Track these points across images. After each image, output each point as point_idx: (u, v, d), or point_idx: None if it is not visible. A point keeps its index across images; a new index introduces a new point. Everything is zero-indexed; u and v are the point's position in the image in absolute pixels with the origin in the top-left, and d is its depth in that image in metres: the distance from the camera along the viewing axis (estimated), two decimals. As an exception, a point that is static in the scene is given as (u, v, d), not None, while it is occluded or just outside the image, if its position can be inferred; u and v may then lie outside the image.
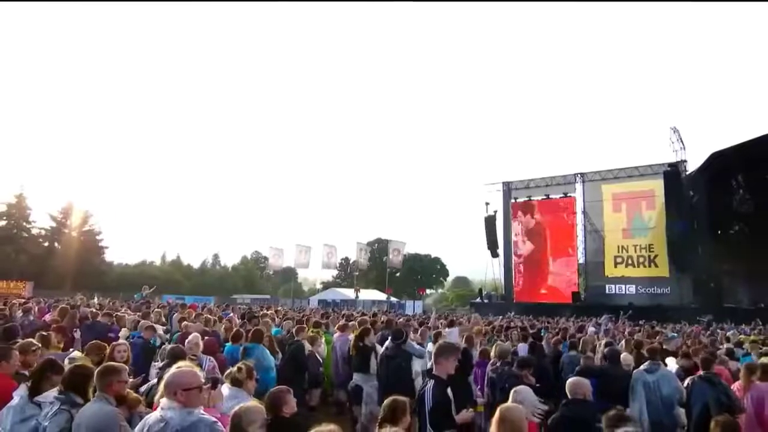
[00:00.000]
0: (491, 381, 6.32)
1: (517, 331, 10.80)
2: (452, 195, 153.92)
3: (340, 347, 8.29)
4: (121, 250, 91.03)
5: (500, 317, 21.08)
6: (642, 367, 6.27)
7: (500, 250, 38.87)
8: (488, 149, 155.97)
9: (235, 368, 4.47)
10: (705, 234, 30.80)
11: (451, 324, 10.42)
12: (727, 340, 12.59)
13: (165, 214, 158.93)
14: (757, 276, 29.04)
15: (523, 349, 8.81)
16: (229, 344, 7.45)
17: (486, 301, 38.73)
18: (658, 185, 32.40)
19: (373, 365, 6.95)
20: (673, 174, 31.52)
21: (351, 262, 65.24)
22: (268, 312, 13.49)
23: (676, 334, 13.67)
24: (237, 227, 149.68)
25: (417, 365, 6.84)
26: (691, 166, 32.15)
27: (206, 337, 7.11)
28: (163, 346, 5.81)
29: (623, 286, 33.48)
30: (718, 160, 29.90)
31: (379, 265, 63.71)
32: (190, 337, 6.17)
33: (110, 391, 3.38)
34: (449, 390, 4.58)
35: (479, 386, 6.82)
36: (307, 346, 7.43)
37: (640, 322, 19.96)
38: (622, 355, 7.03)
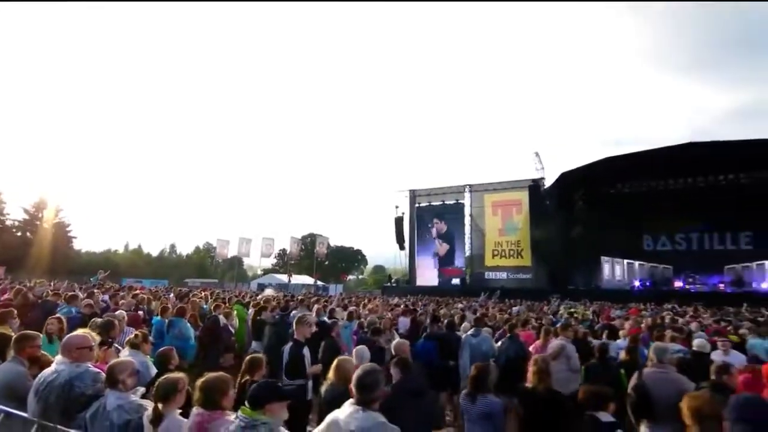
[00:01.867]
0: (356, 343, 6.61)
1: (401, 308, 11.43)
2: (373, 197, 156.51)
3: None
4: (89, 239, 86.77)
5: (401, 298, 21.79)
6: (469, 332, 6.77)
7: (406, 244, 39.60)
8: (402, 162, 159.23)
9: (132, 335, 4.53)
10: (556, 234, 32.30)
11: (345, 308, 10.76)
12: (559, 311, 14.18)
13: (130, 207, 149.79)
14: (589, 266, 31.63)
15: (403, 322, 9.19)
16: (157, 318, 7.44)
17: (395, 285, 39.49)
18: (524, 196, 34.24)
19: (266, 334, 7.03)
20: (535, 188, 33.73)
21: (287, 252, 65.93)
22: (202, 293, 13.31)
23: (518, 308, 14.95)
24: (192, 219, 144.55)
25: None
26: (548, 182, 33.84)
27: (131, 312, 7.18)
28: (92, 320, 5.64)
29: (497, 273, 34.75)
30: (565, 179, 32.14)
31: (310, 255, 64.58)
32: (116, 312, 6.28)
33: (23, 354, 3.46)
34: (305, 349, 5.06)
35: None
36: (222, 320, 7.37)
37: (508, 301, 21.57)
38: (463, 325, 7.78)
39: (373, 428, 2.48)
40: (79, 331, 3.53)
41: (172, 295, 13.50)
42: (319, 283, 50.16)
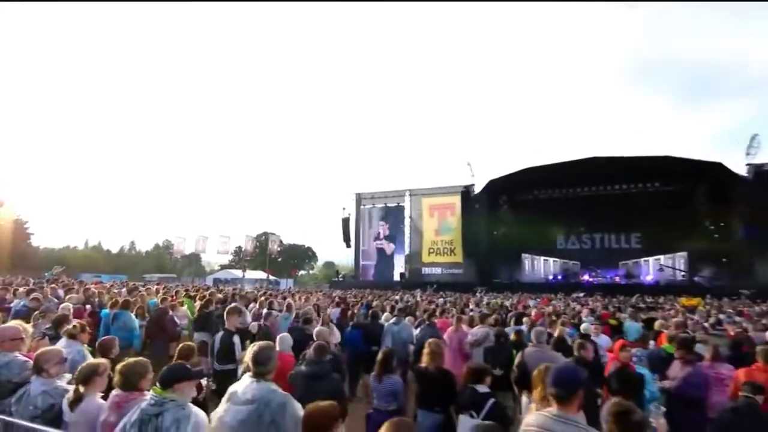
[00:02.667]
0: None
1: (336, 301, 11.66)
2: (324, 199, 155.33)
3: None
4: (49, 236, 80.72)
5: (346, 292, 22.11)
6: (391, 321, 7.07)
7: (352, 243, 39.64)
8: (349, 167, 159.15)
9: (71, 325, 4.41)
10: (484, 234, 33.57)
11: (284, 298, 10.94)
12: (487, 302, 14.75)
13: (91, 205, 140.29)
14: (512, 262, 33.35)
15: (335, 312, 9.20)
16: (105, 310, 7.26)
17: (342, 279, 39.54)
18: (457, 200, 34.73)
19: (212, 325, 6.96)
20: (466, 193, 34.53)
21: (243, 249, 65.33)
22: (154, 288, 13.06)
23: (443, 300, 15.22)
24: (152, 217, 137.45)
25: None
26: (478, 188, 34.45)
27: (77, 306, 7.08)
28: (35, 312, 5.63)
29: (433, 269, 35.22)
30: (492, 185, 33.33)
31: (264, 252, 63.97)
32: (62, 305, 6.25)
33: None
34: (234, 337, 5.26)
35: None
36: (169, 312, 7.33)
37: (441, 293, 22.25)
38: (384, 314, 8.10)
39: (265, 395, 2.55)
40: (12, 323, 3.56)
41: (124, 289, 13.25)
42: (272, 278, 49.59)
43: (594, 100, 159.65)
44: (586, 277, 31.36)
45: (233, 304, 6.29)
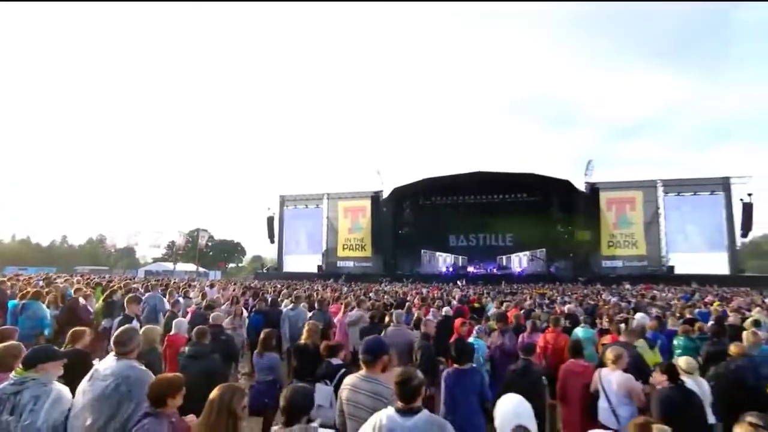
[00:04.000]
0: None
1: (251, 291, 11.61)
2: (254, 199, 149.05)
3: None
4: None
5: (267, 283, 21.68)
6: (288, 307, 7.04)
7: (276, 239, 38.88)
8: (276, 171, 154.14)
9: None
10: (390, 233, 34.55)
11: (212, 286, 10.76)
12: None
13: (20, 199, 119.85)
14: (413, 256, 34.55)
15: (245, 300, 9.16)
16: (13, 301, 6.77)
17: (266, 272, 38.72)
18: (368, 203, 35.38)
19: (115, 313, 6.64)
20: (376, 197, 35.25)
21: (175, 243, 61.85)
22: (74, 278, 12.14)
23: (347, 289, 15.84)
24: (86, 211, 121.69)
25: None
26: (386, 193, 35.18)
27: None
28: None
29: (346, 262, 35.51)
30: (397, 192, 34.55)
31: (196, 246, 61.29)
32: None
33: None
34: (133, 322, 4.98)
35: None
36: (82, 301, 6.95)
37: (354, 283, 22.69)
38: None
39: (124, 371, 2.52)
40: None
41: (41, 281, 11.86)
42: (201, 270, 47.16)
43: (484, 124, 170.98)
44: (471, 269, 33.35)
45: (131, 294, 6.01)
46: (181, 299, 8.07)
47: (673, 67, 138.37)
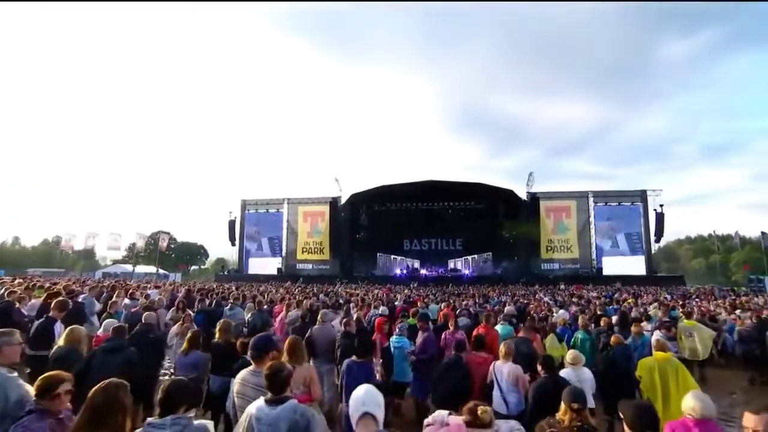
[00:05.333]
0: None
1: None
2: (218, 203, 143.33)
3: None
4: None
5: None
6: (227, 307, 7.23)
7: (237, 242, 37.77)
8: (237, 176, 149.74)
9: None
10: (347, 237, 34.69)
11: (156, 287, 10.45)
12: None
13: None
14: (369, 259, 34.32)
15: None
16: None
17: (226, 273, 37.45)
18: (327, 208, 35.27)
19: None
20: (334, 203, 35.26)
21: (135, 245, 58.90)
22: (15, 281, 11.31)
23: (297, 290, 15.65)
24: (41, 213, 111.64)
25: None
26: (344, 199, 35.35)
27: None
28: None
29: (305, 265, 35.12)
30: (354, 198, 34.74)
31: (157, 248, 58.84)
32: None
33: None
34: (56, 324, 4.94)
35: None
36: (16, 304, 6.45)
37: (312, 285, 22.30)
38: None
39: None
40: None
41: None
42: (161, 271, 45.01)
43: (438, 137, 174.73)
44: (424, 272, 33.66)
45: (60, 298, 5.70)
46: (127, 300, 7.94)
47: (602, 96, 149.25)
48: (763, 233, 35.15)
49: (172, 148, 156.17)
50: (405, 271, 34.31)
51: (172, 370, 5.19)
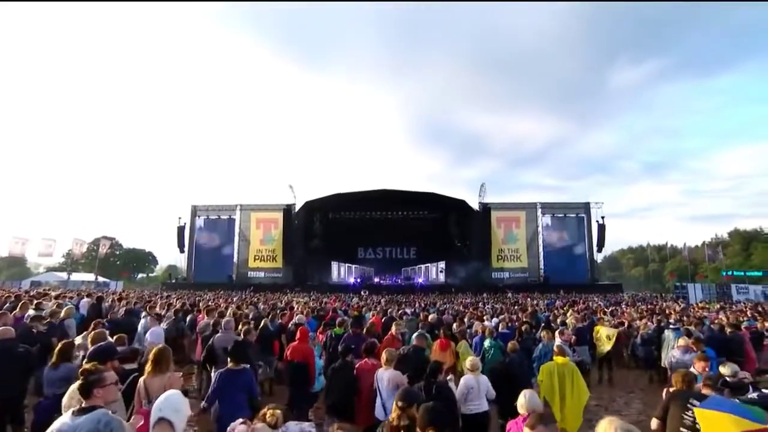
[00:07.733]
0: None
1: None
2: (168, 209, 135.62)
3: None
4: None
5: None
6: (142, 314, 7.12)
7: (186, 248, 36.07)
8: (187, 181, 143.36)
9: None
10: (301, 244, 34.07)
11: (57, 297, 9.71)
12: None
13: None
14: (323, 268, 34.01)
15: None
16: None
17: (174, 281, 35.75)
18: (280, 215, 34.67)
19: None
20: (288, 210, 34.67)
21: (73, 252, 54.73)
22: None
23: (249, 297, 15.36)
24: None
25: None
26: (298, 206, 34.83)
27: None
28: None
29: (258, 273, 34.25)
30: (309, 205, 34.40)
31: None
32: None
33: None
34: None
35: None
36: None
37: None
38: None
39: None
40: None
41: None
42: (101, 279, 41.97)
43: (399, 147, 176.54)
44: (377, 280, 33.97)
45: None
46: (32, 311, 7.23)
47: (557, 114, 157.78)
48: (685, 244, 39.17)
49: (120, 150, 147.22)
50: (359, 280, 34.33)
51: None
